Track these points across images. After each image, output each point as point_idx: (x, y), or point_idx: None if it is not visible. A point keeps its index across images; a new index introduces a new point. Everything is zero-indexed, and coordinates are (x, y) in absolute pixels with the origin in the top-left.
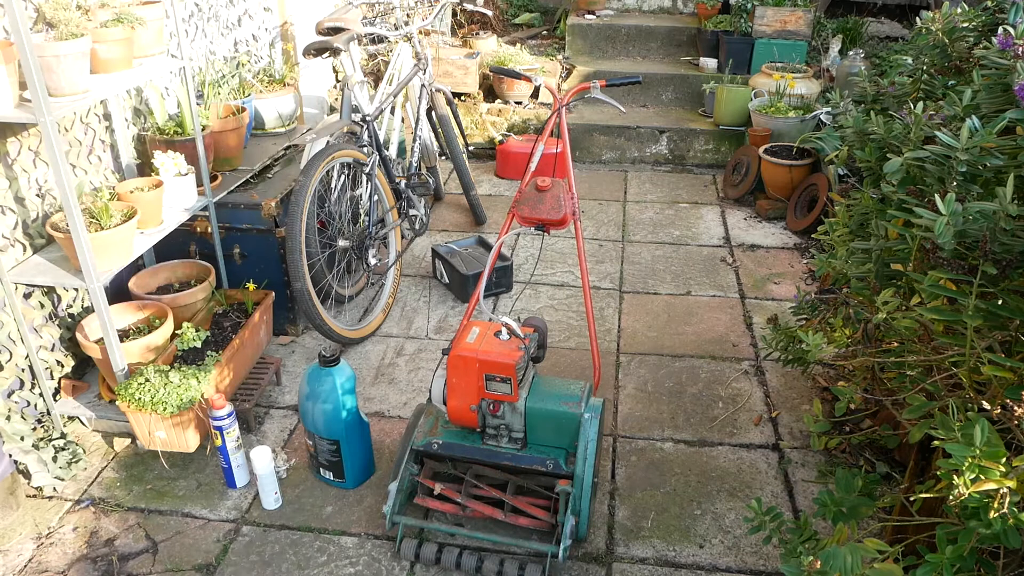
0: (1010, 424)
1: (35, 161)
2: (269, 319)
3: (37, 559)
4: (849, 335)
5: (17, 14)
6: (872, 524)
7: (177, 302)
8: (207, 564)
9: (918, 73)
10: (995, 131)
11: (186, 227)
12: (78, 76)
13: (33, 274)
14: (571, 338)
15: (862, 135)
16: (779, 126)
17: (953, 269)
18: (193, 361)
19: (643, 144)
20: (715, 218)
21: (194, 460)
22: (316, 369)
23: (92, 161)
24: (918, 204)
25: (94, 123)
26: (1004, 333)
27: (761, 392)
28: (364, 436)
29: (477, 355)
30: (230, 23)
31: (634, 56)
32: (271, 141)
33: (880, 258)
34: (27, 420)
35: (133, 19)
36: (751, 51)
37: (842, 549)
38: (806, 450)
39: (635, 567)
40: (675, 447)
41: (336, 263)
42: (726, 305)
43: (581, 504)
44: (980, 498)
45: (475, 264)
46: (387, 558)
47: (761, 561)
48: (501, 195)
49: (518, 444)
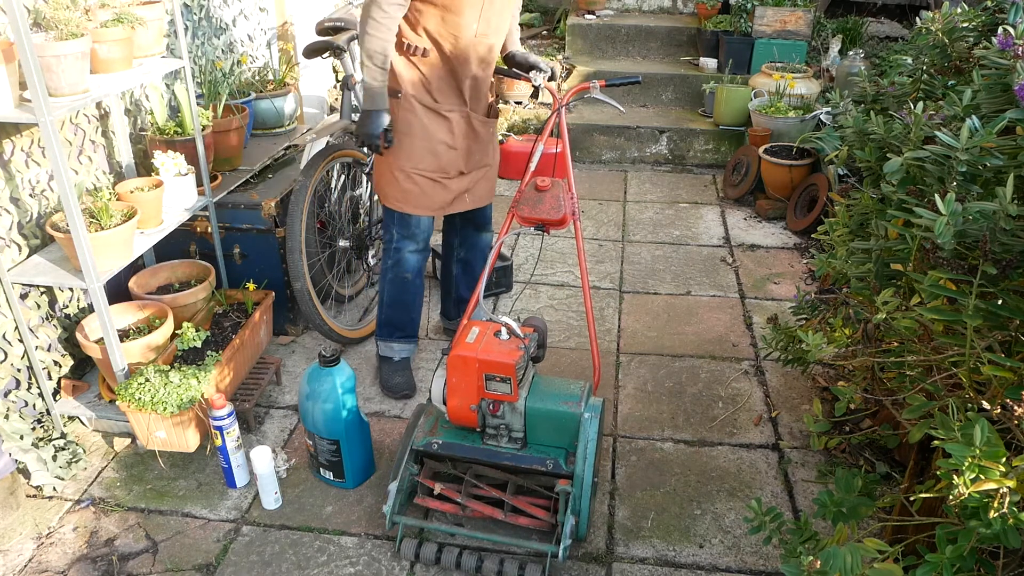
0: (1010, 424)
1: (27, 162)
2: (269, 319)
3: (37, 559)
4: (849, 335)
5: (17, 14)
6: (872, 524)
7: (177, 302)
8: (207, 564)
9: (918, 73)
10: (995, 131)
11: (186, 227)
12: (78, 76)
13: (33, 274)
14: (571, 338)
15: (862, 135)
16: (779, 126)
17: (953, 269)
18: (193, 361)
19: (643, 144)
20: (715, 218)
21: (194, 460)
22: (316, 369)
23: (82, 162)
24: (918, 204)
25: (84, 124)
26: (1004, 333)
27: (761, 392)
28: (364, 436)
29: (477, 355)
30: (224, 23)
31: (634, 56)
32: (271, 141)
33: (880, 258)
34: (26, 420)
35: (133, 19)
36: (751, 51)
37: (842, 549)
38: (806, 450)
39: (635, 567)
40: (675, 447)
41: (336, 263)
42: (726, 305)
43: (581, 504)
44: (980, 498)
45: None
46: (387, 558)
47: (761, 561)
48: (501, 195)
49: (518, 444)
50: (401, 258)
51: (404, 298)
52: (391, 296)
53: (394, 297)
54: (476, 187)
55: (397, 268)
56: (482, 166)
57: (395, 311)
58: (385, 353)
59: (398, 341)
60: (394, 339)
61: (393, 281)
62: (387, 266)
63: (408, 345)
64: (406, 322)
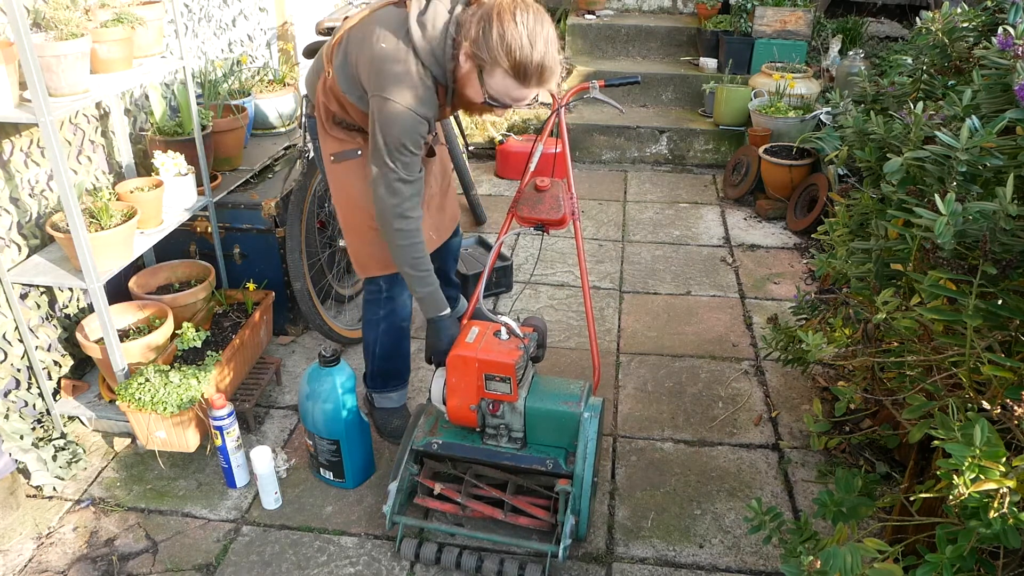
0: (1010, 424)
1: (27, 162)
2: (269, 319)
3: (37, 559)
4: (849, 335)
5: (17, 14)
6: (872, 524)
7: (177, 302)
8: (207, 564)
9: (918, 73)
10: (995, 131)
11: (186, 227)
12: (78, 76)
13: (33, 274)
14: (571, 338)
15: (862, 135)
16: (779, 126)
17: (953, 269)
18: (193, 361)
19: (643, 144)
20: (715, 218)
21: (194, 460)
22: (316, 369)
23: (82, 162)
24: (918, 204)
25: (83, 124)
26: (1004, 333)
27: (761, 392)
28: (364, 436)
29: (476, 355)
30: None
31: (634, 56)
32: (271, 141)
33: (880, 258)
34: (26, 420)
35: (133, 19)
36: (751, 51)
37: (842, 549)
38: (806, 450)
39: (635, 567)
40: (675, 447)
41: (336, 263)
42: (726, 305)
43: (581, 503)
44: (980, 498)
45: (475, 264)
46: (387, 558)
47: (761, 561)
48: (501, 195)
49: (518, 444)
50: (395, 307)
51: (401, 348)
52: (386, 348)
53: (389, 349)
54: (439, 222)
55: (392, 317)
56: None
57: (391, 362)
58: (383, 404)
59: (395, 389)
60: (389, 388)
61: (388, 331)
62: (378, 316)
63: (404, 388)
64: (402, 369)
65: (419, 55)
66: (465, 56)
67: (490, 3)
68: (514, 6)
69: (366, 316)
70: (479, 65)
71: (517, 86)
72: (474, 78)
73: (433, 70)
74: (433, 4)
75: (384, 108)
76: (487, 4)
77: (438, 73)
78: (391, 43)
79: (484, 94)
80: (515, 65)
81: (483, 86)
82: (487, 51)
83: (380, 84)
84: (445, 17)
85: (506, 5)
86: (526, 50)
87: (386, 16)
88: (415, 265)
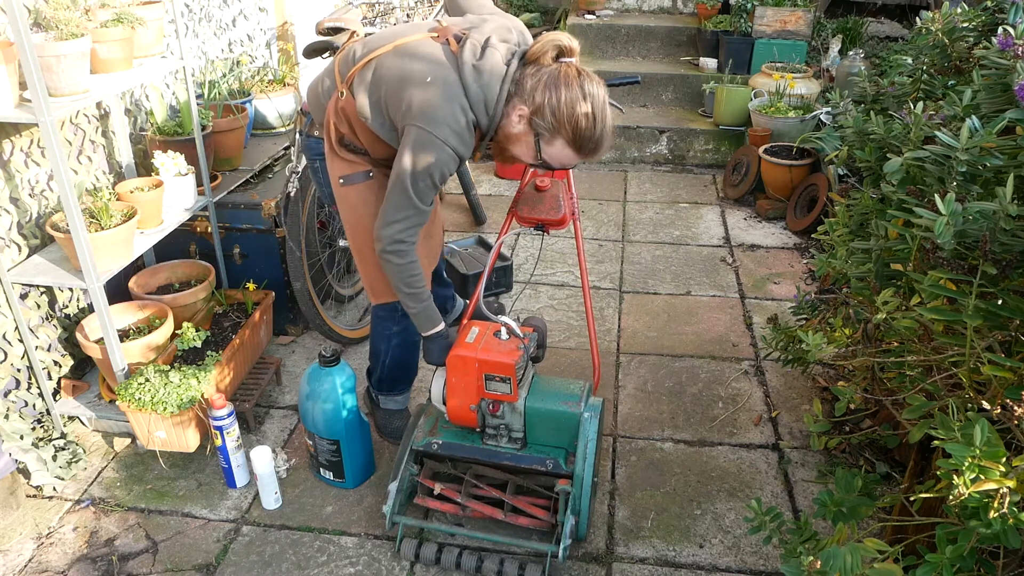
0: (1010, 424)
1: (27, 162)
2: (269, 319)
3: (37, 559)
4: (849, 335)
5: (17, 14)
6: (872, 524)
7: (177, 302)
8: (207, 564)
9: (918, 73)
10: (995, 131)
11: (186, 227)
12: (78, 76)
13: (33, 274)
14: (571, 338)
15: (862, 135)
16: (779, 126)
17: (953, 269)
18: (193, 361)
19: (643, 144)
20: (715, 218)
21: (194, 460)
22: (316, 369)
23: (82, 162)
24: (918, 204)
25: (83, 124)
26: (1004, 333)
27: (761, 392)
28: (364, 436)
29: (476, 355)
30: (224, 23)
31: (634, 56)
32: (271, 141)
33: (880, 258)
34: (26, 420)
35: (133, 19)
36: (751, 51)
37: (842, 549)
38: (806, 450)
39: (635, 567)
40: (675, 447)
41: (336, 263)
42: (726, 305)
43: (581, 503)
44: (980, 498)
45: (475, 264)
46: (387, 558)
47: (761, 561)
48: (501, 195)
49: (518, 444)
50: (409, 323)
51: (412, 359)
52: (397, 359)
53: (400, 360)
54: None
55: (405, 334)
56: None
57: (401, 371)
58: (389, 406)
59: (401, 392)
60: (396, 391)
61: (401, 346)
62: (391, 332)
63: (409, 390)
64: (411, 376)
65: (470, 99)
66: (520, 117)
67: (554, 70)
68: (581, 78)
69: (377, 329)
70: (537, 132)
71: (574, 156)
72: (529, 141)
73: (479, 117)
74: (490, 52)
75: (422, 139)
76: (550, 70)
77: (483, 121)
78: (440, 83)
79: (537, 158)
80: (579, 138)
81: (539, 151)
82: (553, 120)
83: (425, 118)
84: (502, 70)
85: (572, 76)
86: (593, 125)
87: (430, 51)
88: (410, 283)
